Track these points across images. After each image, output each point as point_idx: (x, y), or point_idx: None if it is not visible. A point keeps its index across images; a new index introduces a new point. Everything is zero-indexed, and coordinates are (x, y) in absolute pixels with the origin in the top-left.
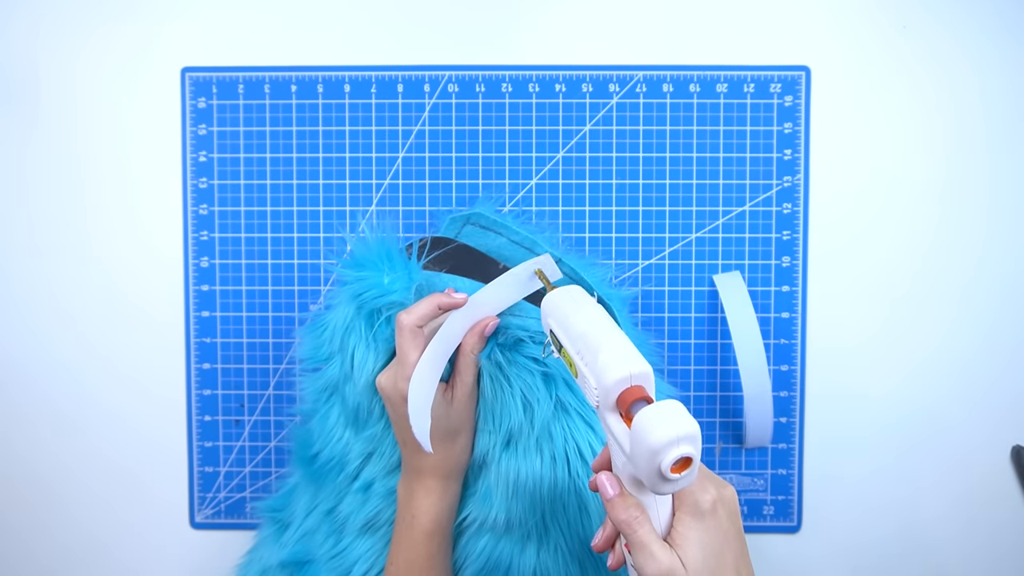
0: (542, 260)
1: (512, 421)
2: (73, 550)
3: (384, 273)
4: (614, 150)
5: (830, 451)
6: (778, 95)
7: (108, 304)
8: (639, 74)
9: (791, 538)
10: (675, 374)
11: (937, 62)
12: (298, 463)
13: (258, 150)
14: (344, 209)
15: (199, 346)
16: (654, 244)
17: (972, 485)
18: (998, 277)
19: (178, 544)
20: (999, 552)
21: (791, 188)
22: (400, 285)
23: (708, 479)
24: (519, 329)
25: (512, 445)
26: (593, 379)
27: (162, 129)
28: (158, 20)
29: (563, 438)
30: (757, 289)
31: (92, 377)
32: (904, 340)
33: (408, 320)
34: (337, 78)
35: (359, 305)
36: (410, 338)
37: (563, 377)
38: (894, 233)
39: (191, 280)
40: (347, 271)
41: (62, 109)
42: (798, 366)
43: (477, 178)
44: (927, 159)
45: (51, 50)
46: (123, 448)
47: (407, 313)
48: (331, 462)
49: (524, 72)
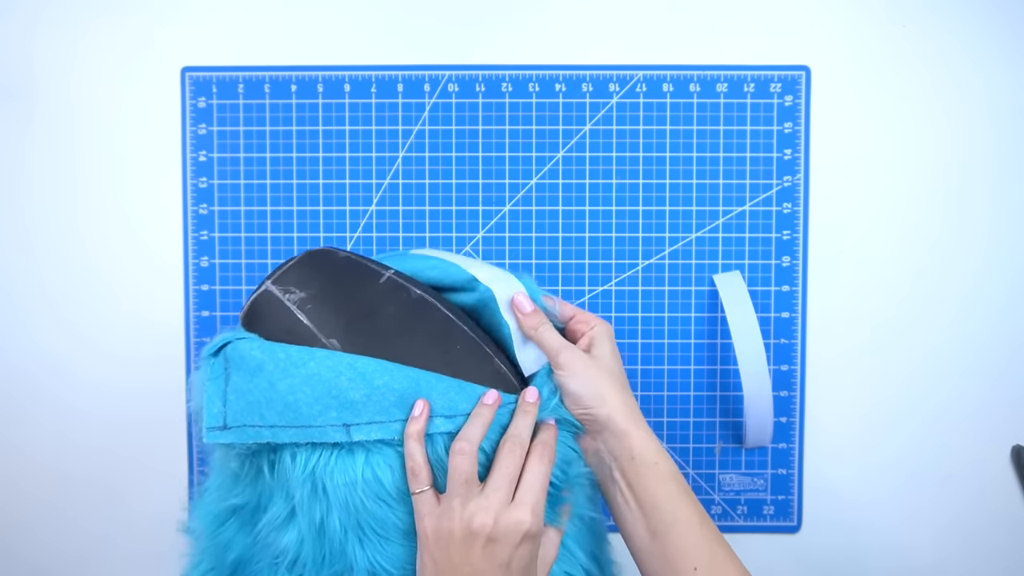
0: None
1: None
2: (72, 550)
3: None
4: (614, 150)
5: (830, 451)
6: (778, 95)
7: (108, 303)
8: (639, 74)
9: (791, 538)
10: (675, 374)
11: (937, 61)
12: (195, 497)
13: (258, 150)
14: (344, 209)
15: (199, 346)
16: (654, 244)
17: (972, 485)
18: (999, 277)
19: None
20: (999, 552)
21: (791, 188)
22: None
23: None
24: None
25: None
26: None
27: (162, 129)
28: (158, 20)
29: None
30: (757, 289)
31: (92, 377)
32: (904, 340)
33: (471, 447)
34: (337, 78)
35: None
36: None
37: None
38: (894, 233)
39: (191, 280)
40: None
41: (61, 109)
42: (798, 366)
43: (477, 178)
44: (927, 159)
45: (50, 50)
46: (123, 448)
47: (468, 442)
48: (208, 498)
49: (524, 72)
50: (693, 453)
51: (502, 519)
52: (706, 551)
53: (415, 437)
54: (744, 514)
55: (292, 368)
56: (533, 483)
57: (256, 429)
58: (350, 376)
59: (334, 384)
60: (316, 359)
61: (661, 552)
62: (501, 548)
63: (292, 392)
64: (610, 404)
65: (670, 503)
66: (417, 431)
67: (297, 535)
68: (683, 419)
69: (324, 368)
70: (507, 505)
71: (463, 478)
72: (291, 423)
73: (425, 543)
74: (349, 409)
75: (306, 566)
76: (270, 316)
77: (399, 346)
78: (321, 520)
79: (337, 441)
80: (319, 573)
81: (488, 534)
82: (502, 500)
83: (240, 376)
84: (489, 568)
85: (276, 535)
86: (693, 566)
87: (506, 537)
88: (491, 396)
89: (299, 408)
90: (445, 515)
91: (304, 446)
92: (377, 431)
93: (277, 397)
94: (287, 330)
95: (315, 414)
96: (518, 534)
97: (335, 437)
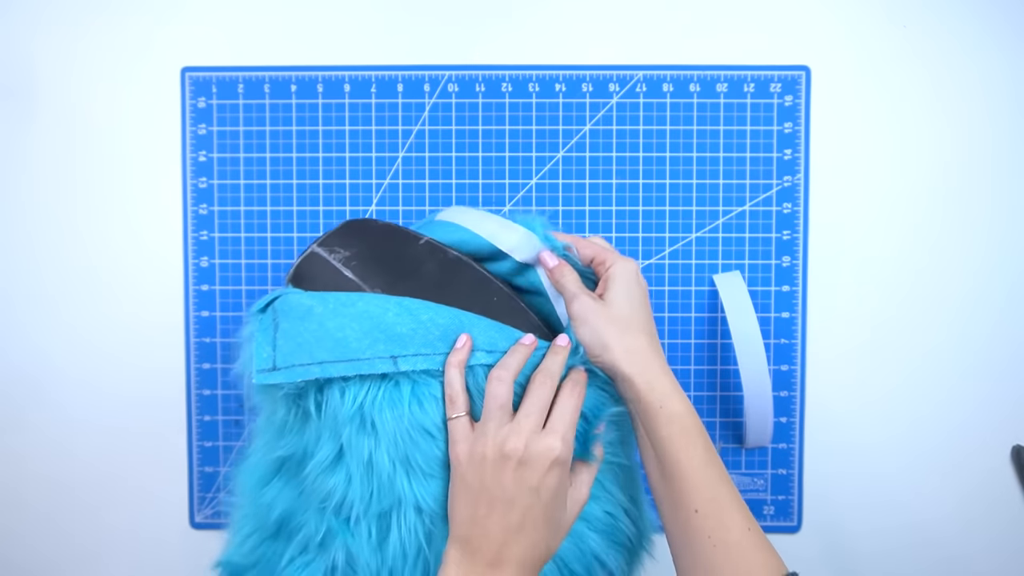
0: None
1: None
2: (73, 550)
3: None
4: (614, 150)
5: (830, 451)
6: (778, 95)
7: (108, 303)
8: (639, 74)
9: (791, 538)
10: (675, 374)
11: (937, 61)
12: (236, 465)
13: (258, 150)
14: (344, 209)
15: (199, 346)
16: (654, 244)
17: (972, 485)
18: (999, 276)
19: (178, 544)
20: (999, 552)
21: (791, 188)
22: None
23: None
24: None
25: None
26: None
27: (162, 129)
28: (158, 20)
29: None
30: (757, 289)
31: (92, 377)
32: (904, 339)
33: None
34: (337, 78)
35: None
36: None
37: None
38: (894, 233)
39: (191, 280)
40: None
41: (61, 109)
42: (798, 366)
43: (477, 178)
44: (927, 158)
45: (50, 50)
46: (123, 448)
47: (507, 370)
48: (251, 461)
49: (524, 72)
50: None
51: (533, 444)
52: (708, 493)
53: (456, 366)
54: None
55: (341, 308)
56: (564, 414)
57: (305, 367)
58: (397, 312)
59: (381, 319)
60: (364, 300)
61: (667, 493)
62: (531, 472)
63: (341, 329)
64: (613, 351)
65: (672, 445)
66: (459, 361)
67: (345, 474)
68: None
69: (372, 306)
70: (538, 431)
71: (499, 403)
72: (340, 358)
73: (457, 467)
74: (396, 342)
75: (353, 506)
76: (316, 275)
77: (440, 298)
78: (369, 456)
79: (385, 372)
80: (367, 512)
81: (519, 457)
82: (533, 426)
83: (289, 322)
84: (519, 491)
85: (324, 478)
86: (694, 508)
87: (536, 461)
88: (529, 338)
89: (348, 343)
90: (479, 439)
91: (353, 380)
92: (423, 362)
93: (326, 335)
94: (334, 286)
95: (363, 347)
96: (548, 459)
97: (383, 368)
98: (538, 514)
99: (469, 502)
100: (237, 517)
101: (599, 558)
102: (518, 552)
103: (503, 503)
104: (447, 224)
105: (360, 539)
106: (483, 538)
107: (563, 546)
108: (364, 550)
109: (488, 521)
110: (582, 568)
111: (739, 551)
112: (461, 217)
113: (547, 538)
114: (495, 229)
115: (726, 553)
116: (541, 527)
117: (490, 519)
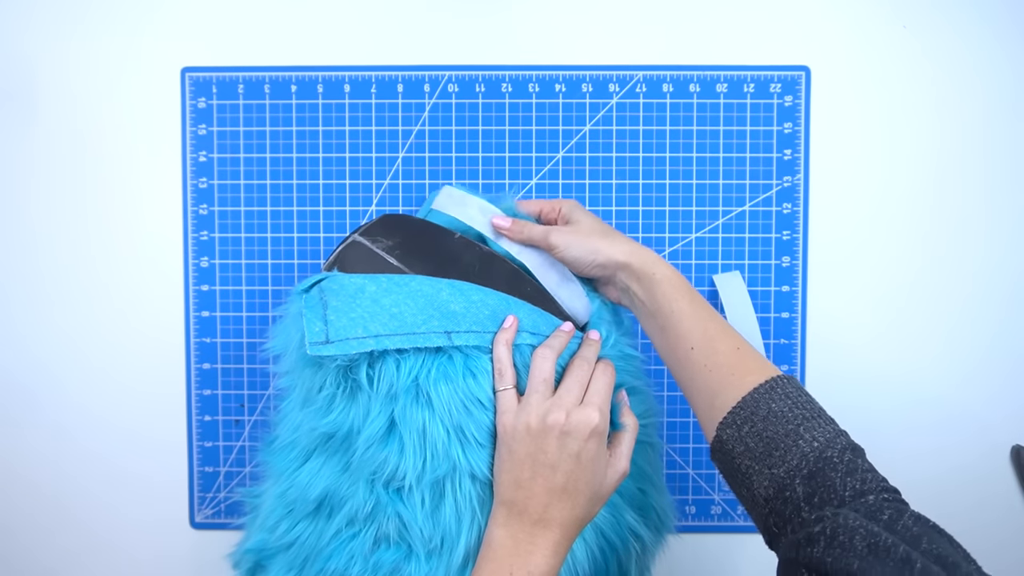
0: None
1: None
2: (74, 550)
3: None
4: (614, 150)
5: None
6: (778, 95)
7: (108, 304)
8: (639, 74)
9: None
10: None
11: (937, 62)
12: (263, 448)
13: (258, 150)
14: (344, 209)
15: (199, 346)
16: (654, 244)
17: (972, 485)
18: (999, 277)
19: (178, 544)
20: (999, 552)
21: (791, 188)
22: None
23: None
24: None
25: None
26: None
27: (162, 129)
28: (158, 20)
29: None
30: (757, 289)
31: (92, 377)
32: (904, 340)
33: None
34: (337, 78)
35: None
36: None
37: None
38: (894, 233)
39: (191, 280)
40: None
41: (61, 109)
42: (798, 366)
43: (477, 178)
44: (927, 159)
45: (50, 50)
46: (123, 448)
47: (551, 349)
48: (283, 442)
49: (524, 72)
50: (693, 453)
51: (573, 415)
52: (699, 331)
53: (504, 343)
54: (744, 514)
55: (395, 287)
56: (599, 388)
57: (360, 340)
58: (450, 292)
59: (436, 297)
60: (417, 280)
61: (666, 343)
62: (573, 441)
63: (396, 305)
64: (604, 251)
65: (665, 300)
66: (507, 339)
67: (398, 445)
68: (683, 419)
69: (426, 285)
70: (578, 404)
71: (543, 376)
72: (396, 331)
73: (503, 436)
74: (450, 318)
75: (406, 476)
76: (358, 262)
77: (482, 284)
78: (423, 426)
79: (440, 346)
80: (420, 481)
81: (561, 427)
82: (574, 400)
83: (340, 300)
84: (562, 457)
85: (375, 450)
86: (689, 346)
87: (577, 430)
88: (568, 325)
89: (404, 318)
90: (523, 410)
91: (408, 353)
92: (475, 338)
93: (381, 311)
94: (378, 273)
95: (419, 323)
96: (588, 428)
97: (438, 342)
98: (579, 478)
99: (514, 467)
100: (267, 501)
101: (633, 530)
102: (561, 513)
103: (547, 468)
104: (440, 215)
105: (413, 508)
106: (528, 499)
107: (601, 515)
108: (417, 517)
109: (533, 484)
110: (618, 538)
111: (729, 368)
112: (452, 208)
113: (587, 502)
114: (465, 210)
115: (719, 372)
116: (583, 490)
117: (535, 482)
